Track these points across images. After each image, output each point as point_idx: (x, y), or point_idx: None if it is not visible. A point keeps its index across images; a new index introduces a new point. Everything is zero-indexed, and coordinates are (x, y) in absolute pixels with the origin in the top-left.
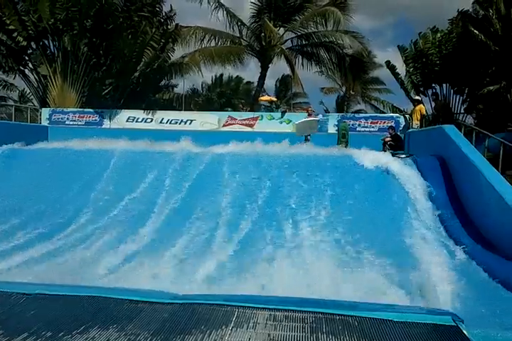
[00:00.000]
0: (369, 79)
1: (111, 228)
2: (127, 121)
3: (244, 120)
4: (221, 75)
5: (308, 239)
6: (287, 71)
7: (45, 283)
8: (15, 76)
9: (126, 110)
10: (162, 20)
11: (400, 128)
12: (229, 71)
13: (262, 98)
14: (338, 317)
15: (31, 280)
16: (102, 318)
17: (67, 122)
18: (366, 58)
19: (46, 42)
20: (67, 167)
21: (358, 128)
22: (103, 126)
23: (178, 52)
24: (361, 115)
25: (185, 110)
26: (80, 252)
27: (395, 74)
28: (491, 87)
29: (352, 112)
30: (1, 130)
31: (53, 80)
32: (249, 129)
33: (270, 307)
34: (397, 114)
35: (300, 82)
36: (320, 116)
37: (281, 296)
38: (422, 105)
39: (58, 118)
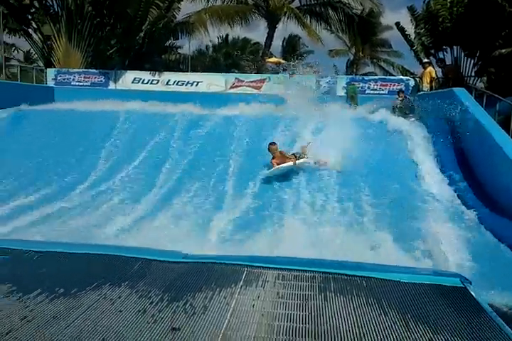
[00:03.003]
0: (378, 41)
1: (119, 189)
2: (133, 82)
3: (252, 82)
4: (227, 36)
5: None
6: (295, 31)
7: (57, 241)
8: (19, 36)
9: (131, 71)
10: None
11: (410, 91)
12: (235, 32)
13: (269, 60)
14: (345, 277)
15: (43, 239)
16: (113, 276)
17: (72, 83)
18: (375, 19)
19: (49, 0)
20: (73, 128)
21: (367, 91)
22: (109, 87)
23: (184, 11)
24: (370, 77)
25: (191, 71)
26: (91, 211)
27: (405, 36)
28: (503, 50)
29: (361, 75)
30: (9, 90)
31: (58, 40)
32: (256, 91)
33: (278, 266)
34: (407, 77)
35: (317, 36)
36: (328, 78)
37: (289, 257)
38: (431, 67)
39: (64, 79)
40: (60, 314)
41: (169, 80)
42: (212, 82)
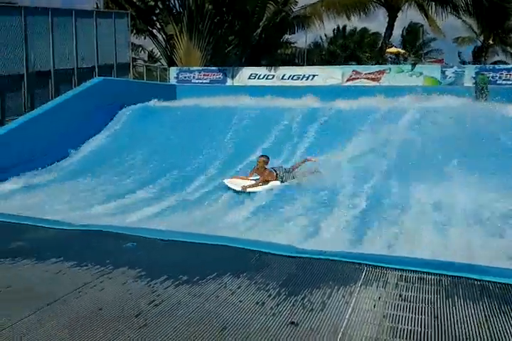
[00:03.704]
0: (510, 26)
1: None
2: (249, 78)
3: (370, 74)
4: (344, 27)
5: None
6: (416, 20)
7: (181, 231)
8: (145, 37)
9: (248, 67)
10: None
11: None
12: (352, 22)
13: (388, 50)
14: (476, 282)
15: (167, 228)
16: (233, 267)
17: (193, 80)
18: (509, 4)
19: (172, 1)
20: (194, 123)
21: (498, 81)
22: (226, 84)
23: (299, 4)
24: (502, 66)
25: (307, 65)
26: (210, 203)
27: None
28: None
29: (490, 63)
30: (137, 88)
31: (180, 39)
32: (375, 83)
33: (401, 267)
34: None
35: (438, 27)
36: (455, 67)
37: (412, 257)
38: None
39: (185, 77)
40: (185, 300)
41: (284, 75)
42: (328, 75)
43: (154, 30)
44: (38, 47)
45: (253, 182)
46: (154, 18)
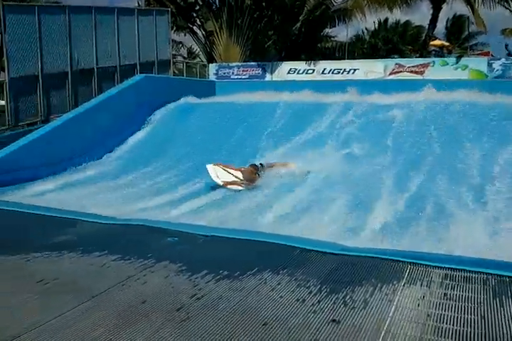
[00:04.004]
0: None
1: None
2: (288, 73)
3: (414, 67)
4: (386, 20)
5: None
6: (461, 11)
7: (221, 227)
8: (185, 34)
9: (287, 62)
10: None
11: None
12: (395, 15)
13: (432, 42)
14: None
15: (207, 224)
16: (273, 263)
17: (232, 76)
18: None
19: None
20: (233, 118)
21: None
22: (265, 79)
23: None
24: None
25: (348, 59)
26: (250, 198)
27: None
28: None
29: None
30: (177, 85)
31: (219, 35)
32: (419, 77)
33: (446, 266)
34: None
35: (482, 20)
36: (502, 60)
37: (457, 255)
38: None
39: (224, 73)
40: (225, 295)
41: (325, 69)
42: (370, 69)
43: (194, 27)
44: (81, 45)
45: (233, 178)
46: (194, 15)
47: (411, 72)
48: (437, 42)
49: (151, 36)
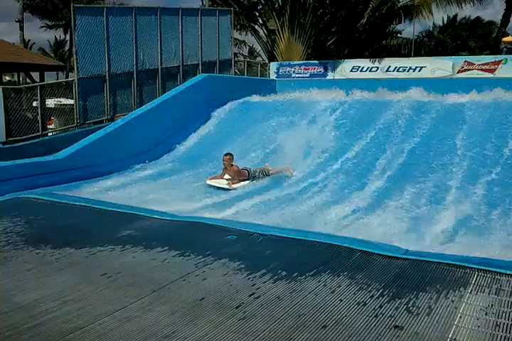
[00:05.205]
0: None
1: (337, 179)
2: (351, 70)
3: (484, 65)
4: (455, 16)
5: None
6: None
7: (280, 227)
8: (246, 33)
9: (350, 60)
10: None
11: None
12: (464, 11)
13: (505, 39)
14: None
15: (265, 223)
16: (333, 265)
17: (293, 75)
18: None
19: None
20: (294, 116)
21: None
22: (327, 78)
23: None
24: None
25: (414, 56)
26: (308, 199)
27: None
28: None
29: None
30: (239, 84)
31: (281, 34)
32: (489, 75)
33: None
34: None
35: None
36: None
37: None
38: None
39: (285, 71)
40: (283, 295)
41: (389, 67)
42: (437, 67)
43: (256, 26)
44: (147, 45)
45: (228, 180)
46: (257, 14)
47: (481, 70)
48: (510, 38)
49: (214, 36)
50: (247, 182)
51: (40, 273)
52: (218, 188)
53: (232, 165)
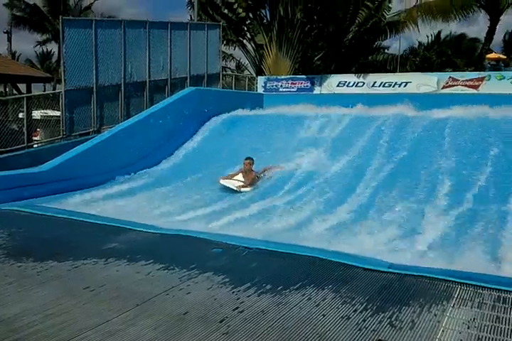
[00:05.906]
0: None
1: (320, 191)
2: (337, 86)
3: (468, 81)
4: (439, 33)
5: None
6: None
7: (265, 240)
8: (235, 47)
9: (336, 75)
10: None
11: None
12: (449, 27)
13: (488, 56)
14: None
15: (250, 236)
16: (317, 278)
17: (280, 89)
18: None
19: (263, 11)
20: (277, 131)
21: None
22: (314, 92)
23: (393, 10)
24: None
25: (400, 72)
26: (297, 211)
27: None
28: None
29: None
30: (226, 98)
31: (269, 49)
32: (473, 91)
33: (499, 287)
34: None
35: None
36: None
37: (511, 277)
38: None
39: (272, 86)
40: (268, 309)
41: (375, 82)
42: (422, 82)
43: (244, 40)
44: (135, 58)
45: (241, 183)
46: (245, 29)
47: (465, 85)
48: (493, 55)
49: (202, 50)
50: (249, 188)
51: (21, 287)
52: (226, 188)
53: (252, 170)
